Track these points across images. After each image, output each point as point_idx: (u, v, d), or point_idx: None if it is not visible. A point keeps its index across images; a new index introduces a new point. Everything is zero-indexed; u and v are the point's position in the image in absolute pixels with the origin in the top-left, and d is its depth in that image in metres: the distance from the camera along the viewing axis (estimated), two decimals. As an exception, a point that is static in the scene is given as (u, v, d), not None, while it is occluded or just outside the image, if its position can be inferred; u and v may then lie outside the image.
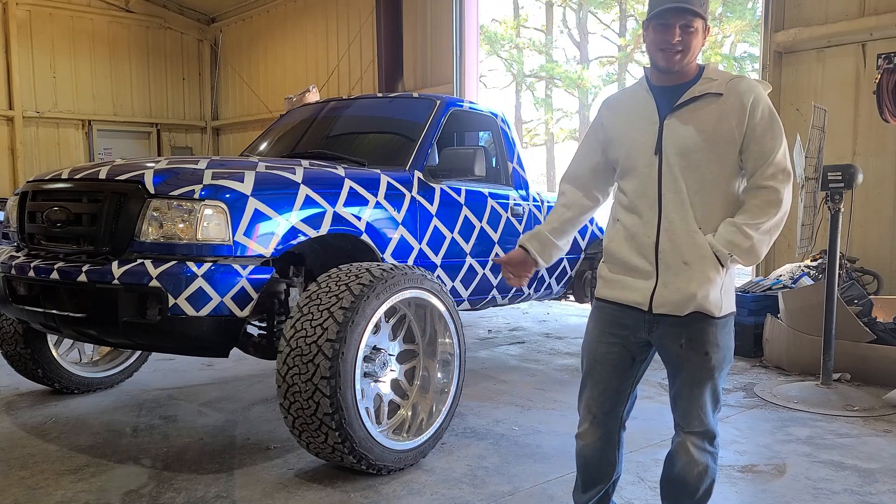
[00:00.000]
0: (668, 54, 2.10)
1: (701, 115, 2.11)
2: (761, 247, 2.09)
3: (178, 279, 3.04)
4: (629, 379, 2.30)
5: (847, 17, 6.23)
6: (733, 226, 2.08)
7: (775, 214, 2.09)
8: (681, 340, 2.15)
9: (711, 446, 2.22)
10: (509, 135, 5.06)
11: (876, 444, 3.65)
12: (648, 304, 2.14)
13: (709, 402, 2.19)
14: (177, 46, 14.43)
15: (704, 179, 2.11)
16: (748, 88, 2.10)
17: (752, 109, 2.08)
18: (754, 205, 2.09)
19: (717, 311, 2.12)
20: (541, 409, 4.23)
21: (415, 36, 10.22)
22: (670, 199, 2.12)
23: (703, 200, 2.11)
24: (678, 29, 2.07)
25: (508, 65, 25.04)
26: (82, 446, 3.58)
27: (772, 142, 2.09)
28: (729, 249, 2.07)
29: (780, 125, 2.12)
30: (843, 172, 4.32)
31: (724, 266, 2.10)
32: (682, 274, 2.10)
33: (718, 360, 2.15)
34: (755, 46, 21.16)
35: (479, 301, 4.71)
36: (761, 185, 2.09)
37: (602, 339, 2.27)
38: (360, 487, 3.09)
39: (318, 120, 4.88)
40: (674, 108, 2.13)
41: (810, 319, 4.89)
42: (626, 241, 2.20)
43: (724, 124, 2.09)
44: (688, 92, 2.12)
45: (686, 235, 2.10)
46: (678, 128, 2.12)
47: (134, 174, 3.29)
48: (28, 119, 12.65)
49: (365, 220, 3.72)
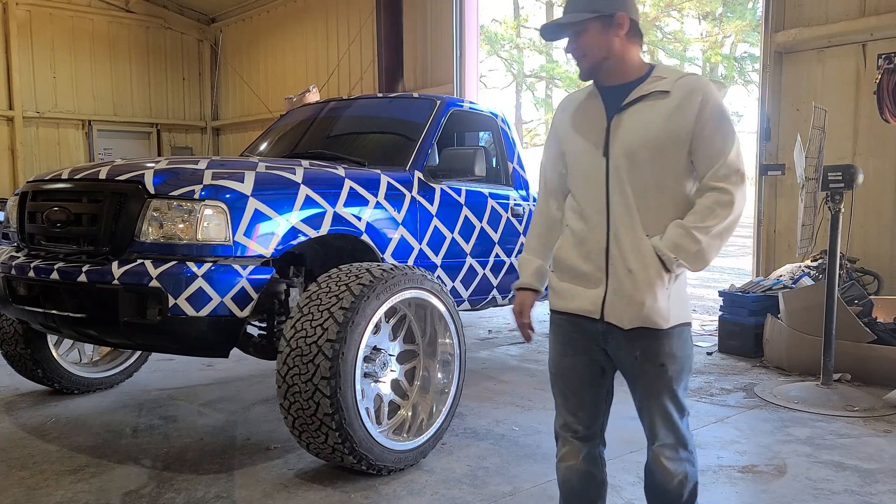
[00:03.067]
0: (577, 63, 2.09)
1: (647, 114, 2.01)
2: (710, 251, 1.96)
3: (178, 279, 3.04)
4: (602, 388, 2.18)
5: (847, 17, 6.23)
6: (681, 228, 1.96)
7: (726, 217, 1.95)
8: (635, 353, 2.04)
9: (686, 452, 2.12)
10: (509, 135, 5.06)
11: (876, 445, 3.65)
12: (600, 312, 2.05)
13: (673, 411, 2.08)
14: (177, 46, 14.43)
15: (651, 181, 2.00)
16: (697, 87, 1.99)
17: (701, 108, 1.96)
18: (705, 206, 1.96)
19: (664, 323, 1.99)
20: (541, 410, 4.23)
21: (415, 36, 10.21)
22: (617, 203, 2.02)
23: (651, 204, 2.00)
24: (570, 39, 2.06)
25: (508, 65, 25.06)
26: (82, 446, 3.58)
27: (723, 142, 1.97)
28: (675, 253, 1.95)
29: (731, 124, 2.00)
30: (843, 173, 4.32)
31: (669, 271, 1.98)
32: (626, 282, 2.00)
33: (675, 371, 2.04)
34: (755, 46, 21.16)
35: (479, 301, 4.71)
36: (713, 186, 1.96)
37: (565, 353, 2.18)
38: (360, 488, 3.09)
39: (318, 120, 4.88)
40: (620, 108, 2.04)
41: (811, 320, 4.89)
42: (574, 248, 2.11)
43: (671, 124, 1.98)
44: (634, 91, 2.03)
45: (632, 241, 2.00)
46: (624, 128, 2.03)
47: (134, 174, 3.29)
48: (28, 119, 12.64)
49: (365, 220, 3.72)
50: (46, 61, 12.82)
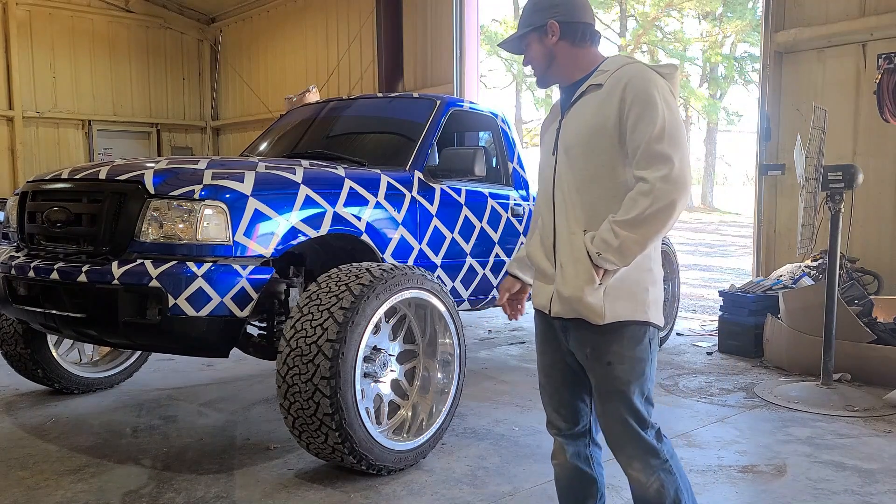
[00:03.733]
0: (534, 74, 2.17)
1: (584, 108, 2.02)
2: (633, 245, 1.87)
3: (178, 279, 3.04)
4: (581, 386, 2.15)
5: (847, 17, 6.23)
6: (606, 223, 1.91)
7: (647, 207, 1.84)
8: (586, 349, 2.03)
9: (657, 460, 2.02)
10: (509, 135, 5.06)
11: (876, 445, 3.65)
12: (548, 307, 2.07)
13: (629, 419, 2.00)
14: (177, 46, 14.42)
15: (581, 176, 2.00)
16: (625, 74, 1.95)
17: (624, 96, 1.92)
18: (629, 198, 1.89)
19: (598, 319, 1.95)
20: (541, 410, 4.18)
21: (415, 36, 10.21)
22: (559, 200, 2.05)
23: (585, 199, 1.99)
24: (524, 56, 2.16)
25: (508, 65, 25.06)
26: (82, 446, 3.58)
27: (645, 128, 1.88)
28: (599, 248, 1.90)
29: (656, 108, 1.89)
30: (843, 173, 4.32)
31: (597, 267, 1.93)
32: (559, 276, 2.02)
33: (625, 372, 1.97)
34: (755, 46, 21.17)
35: (479, 301, 4.71)
36: (637, 175, 1.90)
37: (543, 349, 2.21)
38: (360, 488, 3.09)
39: (318, 120, 4.88)
40: (569, 106, 2.08)
41: (811, 320, 4.89)
42: (538, 245, 2.15)
43: (598, 116, 1.96)
44: (579, 88, 2.06)
45: (566, 236, 2.01)
46: (567, 126, 2.06)
47: (134, 174, 3.28)
48: (28, 119, 12.64)
49: (365, 220, 3.72)
50: (46, 61, 12.82)
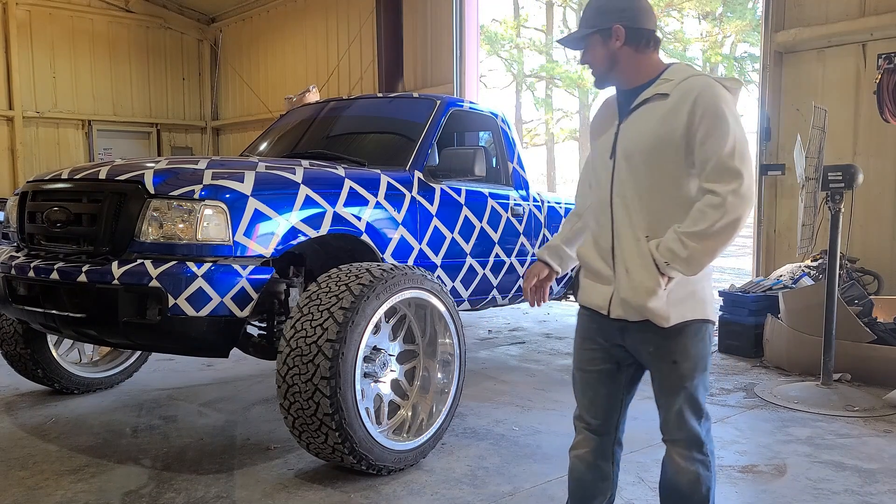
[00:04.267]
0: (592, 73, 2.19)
1: (647, 117, 2.05)
2: (701, 256, 1.94)
3: (178, 279, 3.04)
4: (617, 385, 2.23)
5: (847, 17, 6.23)
6: (675, 233, 1.97)
7: (717, 220, 1.90)
8: (649, 348, 2.10)
9: (701, 454, 2.14)
10: (509, 135, 5.06)
11: (876, 445, 3.65)
12: (607, 309, 2.12)
13: (686, 410, 2.11)
14: (177, 46, 14.43)
15: (645, 184, 2.04)
16: (693, 87, 1.99)
17: (694, 109, 1.96)
18: (697, 209, 1.95)
19: (664, 321, 2.03)
20: (541, 410, 4.23)
21: (415, 36, 10.21)
22: (617, 204, 2.09)
23: (646, 206, 2.04)
24: (582, 54, 2.17)
25: (508, 65, 25.05)
26: (82, 446, 3.58)
27: (717, 142, 1.94)
28: (666, 258, 1.96)
29: (727, 124, 1.95)
30: (843, 172, 4.32)
31: (662, 274, 1.99)
32: (623, 281, 2.07)
33: (688, 369, 2.08)
34: (755, 46, 21.16)
35: (479, 301, 4.71)
36: (705, 188, 1.96)
37: (584, 346, 2.26)
38: (360, 488, 3.09)
39: (318, 120, 4.88)
40: (628, 111, 2.10)
41: (811, 320, 4.89)
42: (592, 246, 2.20)
43: (666, 127, 2.00)
44: (641, 94, 2.09)
45: (632, 242, 2.06)
46: (627, 132, 2.09)
47: (134, 174, 3.28)
48: (28, 119, 12.64)
49: (365, 220, 3.72)
50: (46, 61, 12.82)
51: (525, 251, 4.93)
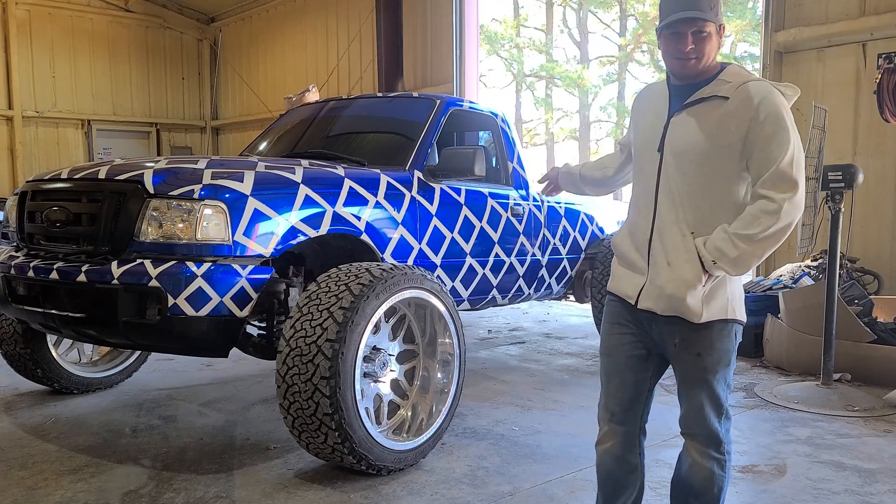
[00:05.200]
0: (683, 62, 2.06)
1: (703, 116, 2.05)
2: (749, 258, 1.99)
3: (177, 279, 3.04)
4: (645, 373, 2.25)
5: (847, 16, 6.23)
6: (725, 233, 2.00)
7: (771, 226, 1.96)
8: (675, 340, 2.13)
9: (718, 453, 2.16)
10: (509, 134, 5.06)
11: (876, 445, 3.65)
12: (636, 299, 2.15)
13: (707, 406, 2.13)
14: (176, 46, 14.42)
15: (696, 182, 2.06)
16: (756, 92, 1.99)
17: (756, 115, 1.98)
18: (750, 213, 2.00)
19: (696, 318, 2.06)
20: (541, 410, 4.23)
21: (415, 36, 10.21)
22: (663, 199, 2.11)
23: (695, 204, 2.06)
24: (691, 36, 2.02)
25: (508, 64, 25.04)
26: (82, 446, 3.58)
27: (777, 150, 1.96)
28: (714, 256, 2.00)
29: (788, 132, 1.98)
30: (843, 172, 4.32)
31: (707, 272, 2.03)
32: (662, 273, 2.09)
33: (712, 363, 2.10)
34: (755, 46, 21.16)
35: (479, 301, 4.71)
36: (761, 193, 1.99)
37: (613, 331, 2.27)
38: (359, 488, 3.08)
39: (317, 120, 4.87)
40: (682, 106, 2.09)
41: (811, 319, 4.89)
42: (627, 237, 2.23)
43: (723, 128, 2.01)
44: (698, 92, 2.07)
45: (677, 237, 2.07)
46: (679, 127, 2.08)
47: (133, 174, 3.28)
48: (27, 119, 12.64)
49: (365, 219, 3.71)
50: (46, 61, 12.82)
51: (525, 251, 4.93)
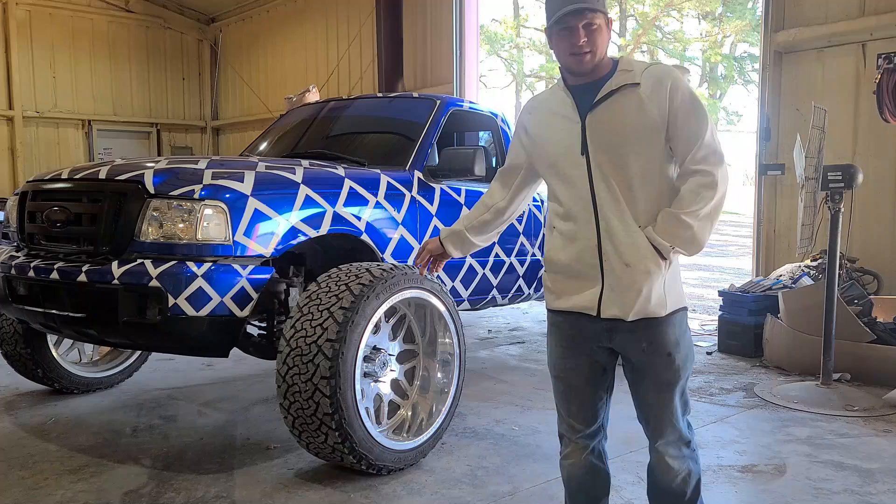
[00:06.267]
0: (578, 58, 2.02)
1: (621, 107, 2.02)
2: (703, 234, 2.00)
3: (178, 279, 3.04)
4: (604, 386, 2.20)
5: (847, 16, 6.23)
6: (671, 215, 1.99)
7: (712, 198, 1.98)
8: (642, 345, 2.06)
9: (689, 450, 2.15)
10: (509, 135, 5.06)
11: (876, 444, 3.65)
12: (597, 309, 2.06)
13: (678, 405, 2.11)
14: (177, 46, 14.42)
15: (635, 173, 2.02)
16: (665, 74, 2.03)
17: (672, 95, 2.00)
18: (689, 190, 1.99)
19: (662, 311, 2.04)
20: (541, 409, 4.23)
21: (415, 36, 10.21)
22: (604, 199, 2.03)
23: (638, 195, 2.03)
24: (582, 30, 2.00)
25: (508, 65, 25.06)
26: (82, 446, 3.58)
27: (697, 125, 2.00)
28: (670, 241, 1.99)
29: (703, 107, 2.03)
30: (843, 172, 4.32)
31: (665, 259, 2.01)
32: (624, 276, 2.02)
33: (682, 360, 2.08)
34: (755, 46, 21.16)
35: (479, 301, 4.71)
36: (694, 169, 1.99)
37: (566, 355, 2.17)
38: (360, 487, 3.09)
39: (318, 120, 4.88)
40: (593, 104, 2.04)
41: (810, 319, 4.89)
42: (564, 248, 2.12)
43: (645, 113, 2.01)
44: (605, 86, 2.03)
45: (625, 235, 2.02)
46: (600, 124, 2.04)
47: (134, 174, 3.28)
48: (28, 119, 12.64)
49: (365, 219, 3.72)
50: (46, 61, 12.81)
51: (525, 251, 4.94)
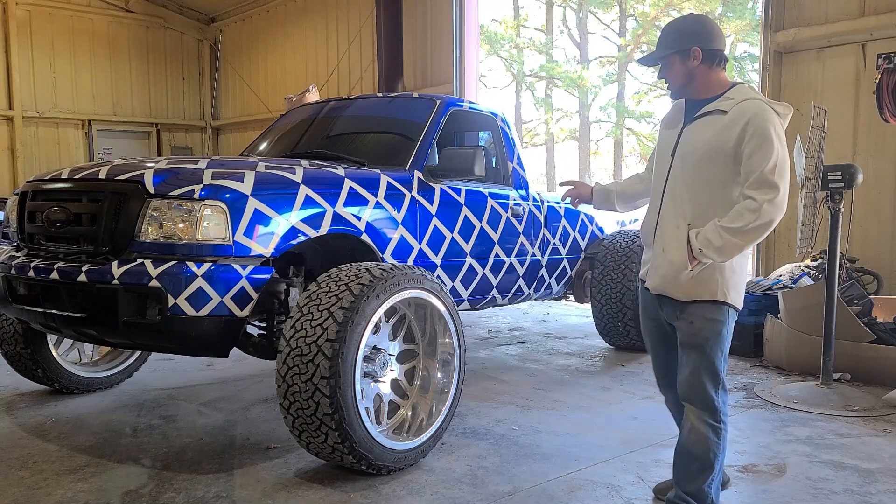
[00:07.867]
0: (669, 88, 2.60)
1: (706, 127, 2.46)
2: (730, 248, 2.37)
3: (178, 279, 3.04)
4: (671, 348, 2.65)
5: (847, 16, 6.23)
6: (714, 225, 2.38)
7: (751, 221, 2.32)
8: (676, 312, 2.55)
9: (713, 420, 2.50)
10: (509, 135, 5.06)
11: (876, 444, 3.65)
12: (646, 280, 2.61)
13: (703, 371, 2.49)
14: (177, 46, 14.42)
15: (695, 181, 2.47)
16: (747, 111, 2.38)
17: (744, 131, 2.37)
18: (736, 210, 2.37)
19: (682, 297, 2.49)
20: (541, 409, 4.23)
21: (415, 36, 10.21)
22: (668, 195, 2.54)
23: (692, 199, 2.47)
24: (660, 69, 2.58)
25: (508, 65, 25.04)
26: (82, 446, 3.58)
27: (760, 160, 2.34)
28: (701, 244, 2.38)
29: (771, 144, 2.35)
30: (843, 172, 4.32)
31: (694, 258, 2.40)
32: (659, 258, 2.53)
33: (705, 330, 2.47)
34: (755, 46, 21.16)
35: (479, 301, 4.71)
36: (745, 194, 2.37)
37: (643, 315, 2.77)
38: (359, 487, 3.09)
39: (317, 120, 4.88)
40: (692, 119, 2.52)
41: (810, 319, 4.89)
42: (644, 227, 2.68)
43: (720, 139, 2.41)
44: (705, 107, 2.50)
45: (672, 227, 2.49)
46: (688, 135, 2.51)
47: (134, 174, 3.28)
48: (28, 119, 12.64)
49: (365, 219, 3.72)
50: (46, 61, 12.82)
51: (525, 251, 4.93)
